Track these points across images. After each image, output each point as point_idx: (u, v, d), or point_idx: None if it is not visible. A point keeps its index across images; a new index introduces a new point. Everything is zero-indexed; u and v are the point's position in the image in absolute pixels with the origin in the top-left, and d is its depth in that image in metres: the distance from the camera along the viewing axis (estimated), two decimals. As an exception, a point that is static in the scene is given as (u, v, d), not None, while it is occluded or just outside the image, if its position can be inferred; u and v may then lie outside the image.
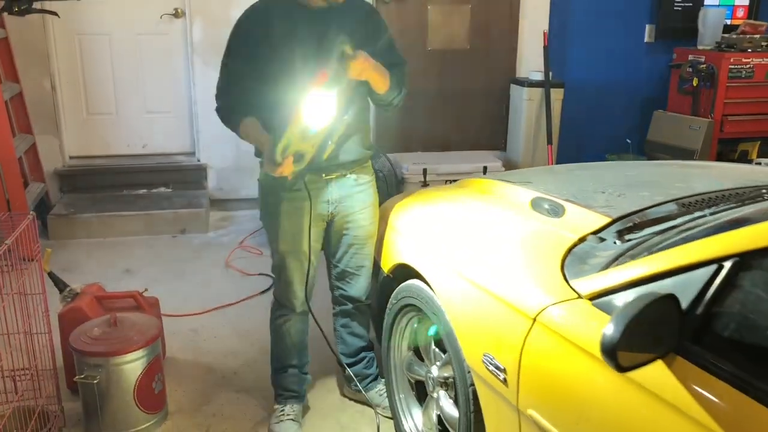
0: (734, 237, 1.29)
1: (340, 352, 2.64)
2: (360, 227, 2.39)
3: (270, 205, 2.31)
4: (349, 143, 2.27)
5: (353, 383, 2.61)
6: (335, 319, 2.61)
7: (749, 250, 1.24)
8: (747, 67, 4.64)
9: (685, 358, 1.27)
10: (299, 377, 2.54)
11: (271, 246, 2.38)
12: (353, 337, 2.59)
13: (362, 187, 2.37)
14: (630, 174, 2.49)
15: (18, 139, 4.23)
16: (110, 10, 4.66)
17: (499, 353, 1.70)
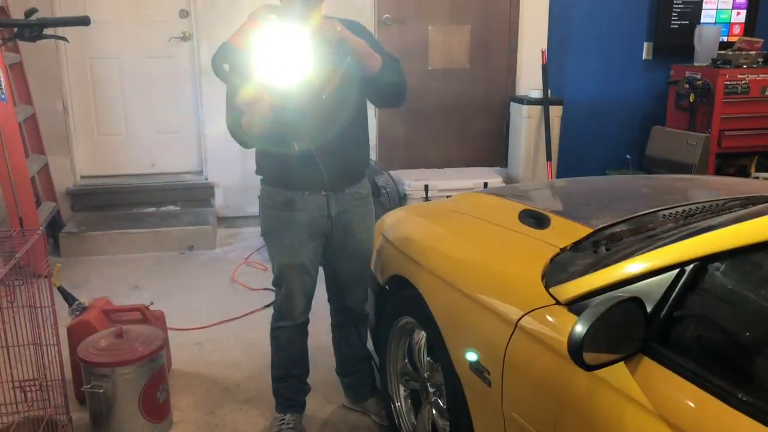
0: (695, 242, 1.37)
1: (338, 363, 2.71)
2: (358, 241, 2.45)
3: (270, 220, 2.38)
4: (346, 159, 2.33)
5: (350, 392, 2.68)
6: (333, 330, 2.69)
7: (708, 255, 1.32)
8: (743, 83, 4.72)
9: (652, 358, 1.34)
10: (299, 387, 2.60)
11: (272, 260, 2.45)
12: (351, 347, 2.66)
13: (359, 202, 2.42)
14: (618, 187, 2.57)
15: (31, 159, 4.37)
16: (120, 34, 4.82)
17: (485, 359, 1.78)
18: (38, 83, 4.59)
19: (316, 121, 2.17)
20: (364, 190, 2.46)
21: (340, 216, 2.38)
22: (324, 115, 2.18)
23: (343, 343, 2.67)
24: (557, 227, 2.03)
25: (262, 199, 2.43)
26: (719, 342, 1.32)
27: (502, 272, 1.91)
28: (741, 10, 5.34)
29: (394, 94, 2.32)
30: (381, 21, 4.97)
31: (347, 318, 2.60)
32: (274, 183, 2.35)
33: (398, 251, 2.42)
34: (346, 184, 2.37)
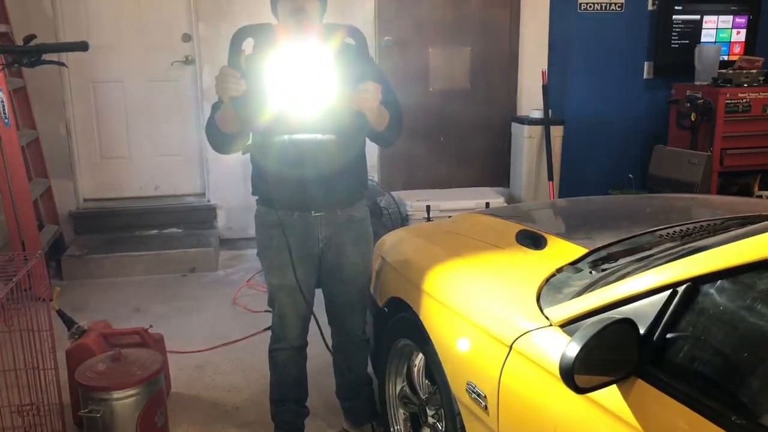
0: (687, 263, 1.36)
1: (338, 386, 2.69)
2: (352, 264, 2.41)
3: (262, 240, 2.38)
4: (340, 181, 2.32)
5: (350, 417, 2.67)
6: (334, 353, 2.63)
7: (699, 275, 1.31)
8: (744, 101, 4.72)
9: (645, 380, 1.33)
10: (297, 410, 2.58)
11: (266, 280, 2.46)
12: (351, 371, 2.62)
13: (354, 225, 2.39)
14: (616, 207, 2.57)
15: (34, 183, 4.40)
16: (123, 58, 4.87)
17: (480, 381, 1.76)
18: (42, 107, 4.63)
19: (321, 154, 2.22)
20: (359, 213, 2.42)
21: (331, 238, 2.36)
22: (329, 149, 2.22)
23: (343, 366, 2.64)
24: (553, 248, 2.03)
25: (256, 219, 2.42)
26: (713, 363, 1.31)
27: (497, 294, 1.91)
28: (741, 30, 5.36)
29: (387, 144, 2.42)
30: (382, 43, 5.00)
31: (347, 341, 2.58)
32: (266, 203, 2.36)
33: (396, 273, 2.41)
34: (338, 205, 2.35)
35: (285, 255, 2.28)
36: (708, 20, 5.30)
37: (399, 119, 2.31)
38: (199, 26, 4.79)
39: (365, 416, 2.67)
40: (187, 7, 4.83)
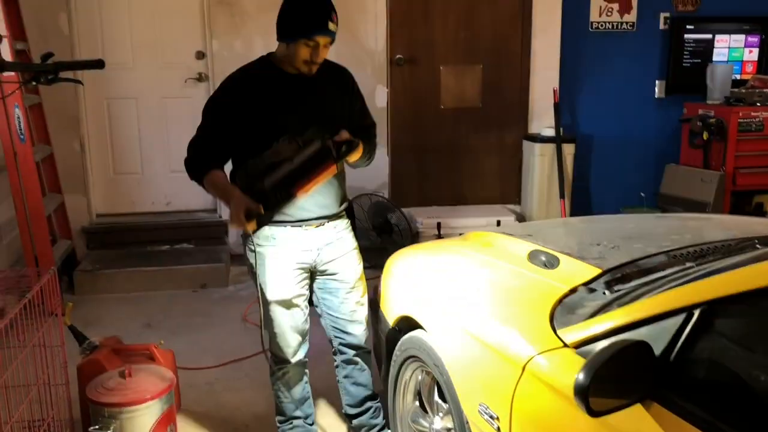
0: (703, 286, 1.35)
1: (345, 403, 2.68)
2: (345, 272, 2.48)
3: (255, 257, 2.37)
4: (328, 196, 2.40)
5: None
6: (337, 370, 2.64)
7: (716, 298, 1.30)
8: (756, 120, 4.71)
9: (661, 404, 1.31)
10: (305, 428, 2.59)
11: (262, 299, 2.40)
12: (357, 386, 2.62)
13: (341, 234, 2.47)
14: (628, 227, 2.55)
15: (47, 198, 4.43)
16: (137, 76, 4.92)
17: (493, 402, 1.75)
18: (57, 123, 4.68)
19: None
20: (343, 222, 2.51)
21: (322, 249, 2.42)
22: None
23: (347, 382, 2.63)
24: (566, 267, 2.01)
25: (247, 238, 2.40)
26: (729, 387, 1.29)
27: (510, 314, 1.89)
28: (753, 49, 5.35)
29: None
30: (393, 61, 5.03)
31: (350, 355, 2.58)
32: None
33: (407, 291, 2.41)
34: (328, 218, 2.42)
35: (280, 269, 2.34)
36: (720, 39, 5.30)
37: (371, 148, 2.46)
38: (213, 43, 4.84)
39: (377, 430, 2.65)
40: (201, 25, 4.88)
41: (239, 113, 2.29)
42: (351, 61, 4.90)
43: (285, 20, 2.27)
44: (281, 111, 2.30)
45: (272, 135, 2.26)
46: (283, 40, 2.29)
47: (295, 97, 2.32)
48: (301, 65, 2.28)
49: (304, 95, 2.33)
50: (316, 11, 2.24)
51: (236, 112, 2.29)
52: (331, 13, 2.25)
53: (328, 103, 2.38)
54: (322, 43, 2.26)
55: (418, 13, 5.03)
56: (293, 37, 2.24)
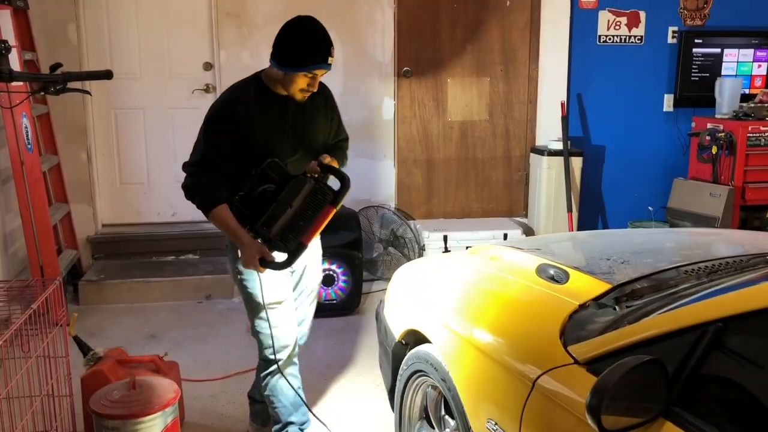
0: (717, 303, 1.33)
1: (254, 390, 2.81)
2: (309, 278, 2.68)
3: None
4: None
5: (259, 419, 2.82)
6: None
7: (730, 316, 1.27)
8: (766, 135, 4.68)
9: (673, 423, 1.29)
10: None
11: (252, 305, 2.48)
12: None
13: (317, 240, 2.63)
14: (637, 241, 2.53)
15: (54, 208, 4.43)
16: (145, 86, 4.93)
17: (502, 419, 1.72)
18: (64, 133, 4.69)
19: None
20: None
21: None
22: None
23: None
24: (576, 282, 1.99)
25: (231, 245, 2.48)
26: (743, 406, 1.27)
27: (519, 329, 1.87)
28: (762, 63, 5.34)
29: None
30: (401, 73, 5.03)
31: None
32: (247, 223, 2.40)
33: (414, 305, 2.38)
34: None
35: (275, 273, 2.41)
36: (728, 53, 5.28)
37: (342, 161, 2.59)
38: (221, 54, 4.85)
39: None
40: (209, 36, 4.90)
41: (240, 139, 2.33)
42: (358, 73, 4.97)
43: (287, 50, 2.31)
44: (274, 134, 2.39)
45: (262, 158, 2.33)
46: (283, 68, 2.33)
47: (287, 120, 2.41)
48: (297, 93, 2.35)
49: (296, 118, 2.43)
50: (319, 46, 2.30)
51: (238, 138, 2.33)
52: (330, 48, 2.32)
53: (315, 124, 2.50)
54: (319, 75, 2.34)
55: (425, 25, 5.03)
56: (294, 68, 2.30)
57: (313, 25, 2.33)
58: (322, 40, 2.31)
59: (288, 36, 2.32)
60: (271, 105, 2.38)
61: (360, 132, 4.94)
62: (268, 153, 2.35)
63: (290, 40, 2.32)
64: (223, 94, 2.45)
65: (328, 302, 4.26)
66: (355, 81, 4.98)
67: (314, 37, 2.31)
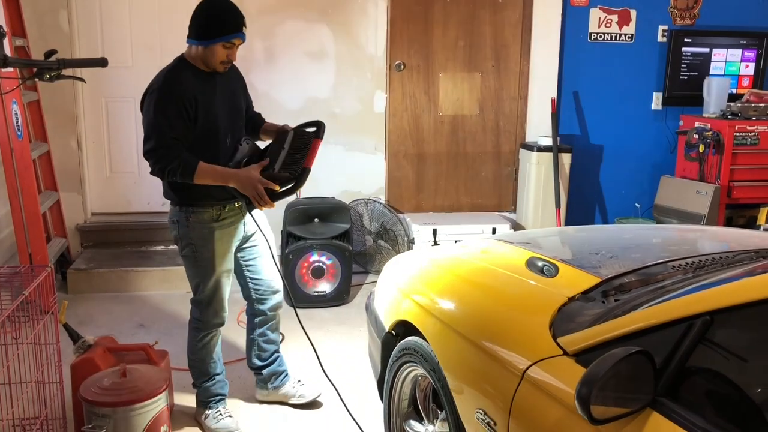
0: (704, 296, 1.36)
1: (255, 358, 3.03)
2: (263, 238, 2.81)
3: (202, 238, 2.66)
4: None
5: (269, 383, 3.04)
6: (251, 330, 3.01)
7: (717, 309, 1.30)
8: (752, 134, 4.74)
9: (660, 413, 1.32)
10: (223, 382, 2.95)
11: (203, 274, 2.71)
12: (269, 343, 3.00)
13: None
14: (626, 237, 2.56)
15: (43, 195, 4.41)
16: (136, 76, 4.88)
17: (491, 409, 1.75)
18: (54, 121, 4.66)
19: None
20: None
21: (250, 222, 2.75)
22: None
23: (261, 340, 2.99)
24: (565, 276, 2.02)
25: (189, 220, 2.67)
26: (729, 398, 1.30)
27: (509, 321, 1.90)
28: (750, 63, 5.39)
29: None
30: (393, 67, 5.04)
31: (266, 316, 2.96)
32: (203, 201, 2.64)
33: (405, 296, 2.41)
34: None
35: (227, 243, 2.70)
36: (717, 53, 5.33)
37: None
38: (213, 45, 4.83)
39: (280, 378, 3.04)
40: (202, 26, 4.88)
41: (188, 114, 2.52)
42: (350, 66, 4.98)
43: (205, 25, 2.54)
44: (212, 107, 2.59)
45: (209, 130, 2.57)
46: (202, 42, 2.55)
47: (217, 92, 2.63)
48: (218, 65, 2.57)
49: (223, 91, 2.65)
50: (234, 16, 2.53)
51: (186, 114, 2.52)
52: (243, 19, 2.56)
53: (237, 94, 2.74)
54: (237, 44, 2.57)
55: (418, 19, 5.04)
56: (213, 40, 2.52)
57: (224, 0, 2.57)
58: (236, 12, 2.55)
59: (204, 12, 2.56)
60: (202, 81, 2.58)
61: (351, 125, 4.95)
62: (210, 125, 2.57)
63: (206, 15, 2.55)
64: (157, 79, 2.59)
65: (318, 294, 4.28)
66: (347, 74, 4.99)
67: (228, 9, 2.55)
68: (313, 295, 4.27)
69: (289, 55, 4.86)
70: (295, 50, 4.86)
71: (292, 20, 4.81)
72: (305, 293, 4.24)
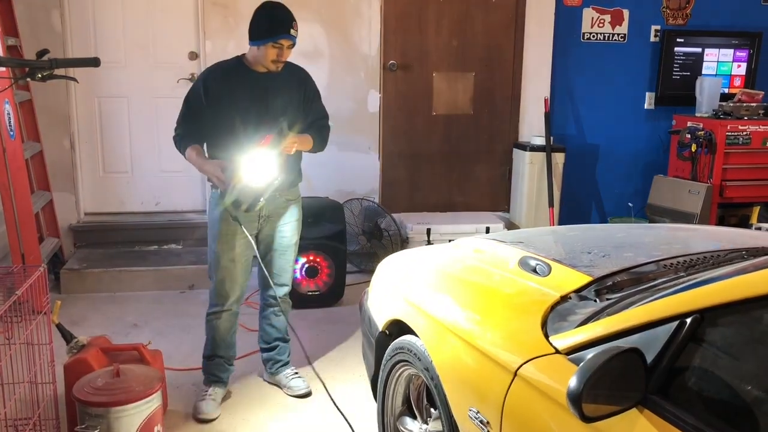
0: (695, 294, 1.37)
1: (260, 339, 3.25)
2: (283, 237, 3.05)
3: (212, 219, 2.94)
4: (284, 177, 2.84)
5: (268, 367, 3.23)
6: (260, 311, 3.21)
7: (708, 307, 1.31)
8: (744, 134, 4.76)
9: (651, 410, 1.33)
10: (224, 366, 3.11)
11: (210, 247, 2.98)
12: (271, 327, 3.18)
13: (289, 205, 3.04)
14: (618, 236, 2.57)
15: (36, 195, 4.40)
16: (129, 75, 4.90)
17: (483, 407, 1.76)
18: (47, 120, 4.65)
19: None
20: (293, 196, 3.08)
21: (270, 215, 2.98)
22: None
23: (265, 323, 3.19)
24: (558, 275, 2.03)
25: (211, 202, 2.96)
26: (720, 395, 1.31)
27: (502, 319, 1.90)
28: (741, 63, 5.42)
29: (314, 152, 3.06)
30: (386, 66, 5.05)
31: (271, 302, 3.12)
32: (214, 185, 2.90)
33: (398, 295, 2.41)
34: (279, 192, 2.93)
35: (233, 225, 2.84)
36: (709, 53, 5.37)
37: (322, 138, 3.03)
38: (207, 44, 4.84)
39: (278, 366, 3.21)
40: (195, 26, 4.88)
41: (207, 99, 2.83)
42: (344, 65, 4.98)
43: (256, 27, 2.82)
44: (239, 100, 2.83)
45: (229, 119, 2.80)
46: (254, 43, 2.83)
47: (253, 90, 2.85)
48: (270, 64, 2.82)
49: (263, 89, 2.86)
50: (281, 19, 2.78)
51: (206, 98, 2.83)
52: (292, 22, 2.79)
53: (281, 98, 2.89)
54: (285, 45, 2.79)
55: (412, 19, 5.05)
56: (263, 40, 2.78)
57: (275, 4, 2.85)
58: (283, 15, 2.80)
59: (256, 14, 2.84)
60: (241, 76, 2.86)
61: (345, 125, 4.95)
62: (233, 114, 2.80)
63: (257, 18, 2.83)
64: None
65: (312, 293, 4.28)
66: (340, 73, 4.99)
67: (276, 12, 2.81)
68: (307, 294, 4.27)
69: (282, 54, 4.85)
70: (288, 50, 4.85)
71: (286, 20, 4.80)
72: (299, 293, 4.24)
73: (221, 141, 2.85)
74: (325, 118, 3.07)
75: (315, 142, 2.96)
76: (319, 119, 3.03)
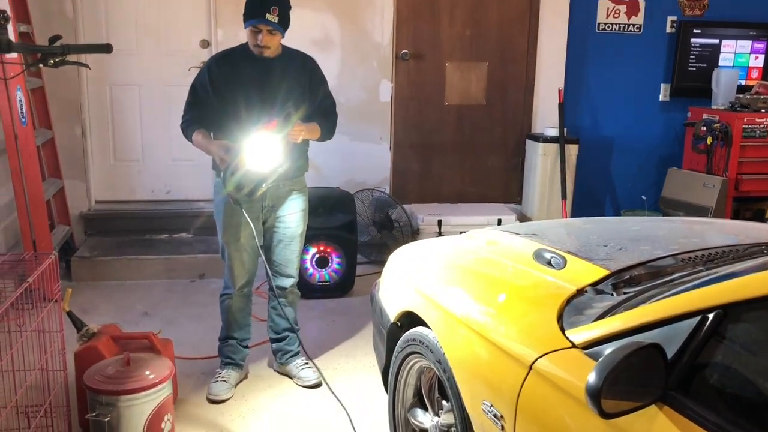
0: (717, 289, 1.34)
1: (269, 329, 3.26)
2: (288, 228, 3.04)
3: (216, 205, 3.01)
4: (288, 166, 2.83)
5: (278, 357, 3.24)
6: (269, 302, 3.23)
7: (731, 302, 1.28)
8: (761, 127, 4.70)
9: (672, 407, 1.30)
10: (237, 348, 3.15)
11: (220, 239, 3.03)
12: (280, 318, 3.18)
13: (294, 195, 3.02)
14: (634, 229, 2.54)
15: (47, 183, 4.40)
16: (141, 62, 4.88)
17: (497, 401, 1.73)
18: (58, 108, 4.65)
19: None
20: (299, 187, 3.05)
21: (274, 205, 2.99)
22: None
23: (273, 313, 3.21)
24: (573, 268, 1.99)
25: (216, 187, 2.99)
26: (741, 392, 1.28)
27: (516, 312, 1.88)
28: (759, 55, 5.35)
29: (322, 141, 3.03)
30: (399, 56, 5.01)
31: (279, 292, 3.11)
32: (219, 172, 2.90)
33: (410, 287, 2.39)
34: (283, 182, 2.94)
35: (237, 216, 2.86)
36: (726, 44, 5.29)
37: (330, 124, 3.01)
38: (218, 32, 4.81)
39: (287, 357, 3.22)
40: (207, 14, 4.85)
41: (212, 83, 2.84)
42: (356, 55, 4.94)
43: (244, 11, 2.81)
44: (242, 84, 2.83)
45: (235, 104, 2.80)
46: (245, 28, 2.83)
47: (257, 74, 2.84)
48: (254, 48, 2.83)
49: (267, 74, 2.85)
50: (259, 3, 2.74)
51: (210, 83, 2.84)
52: (271, 7, 2.72)
53: (284, 83, 2.86)
54: (264, 30, 2.75)
55: (425, 8, 5.00)
56: (245, 24, 2.80)
57: None
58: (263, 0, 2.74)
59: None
60: (245, 62, 2.86)
61: (356, 114, 4.92)
62: (238, 100, 2.81)
63: (246, 1, 2.81)
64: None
65: (322, 284, 4.27)
66: (352, 63, 4.96)
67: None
68: (317, 285, 4.26)
69: (294, 43, 4.78)
70: (300, 38, 4.81)
71: (298, 8, 4.71)
72: (309, 283, 4.23)
73: (227, 127, 2.85)
74: (330, 98, 3.05)
75: (323, 131, 2.95)
76: (325, 99, 3.01)
